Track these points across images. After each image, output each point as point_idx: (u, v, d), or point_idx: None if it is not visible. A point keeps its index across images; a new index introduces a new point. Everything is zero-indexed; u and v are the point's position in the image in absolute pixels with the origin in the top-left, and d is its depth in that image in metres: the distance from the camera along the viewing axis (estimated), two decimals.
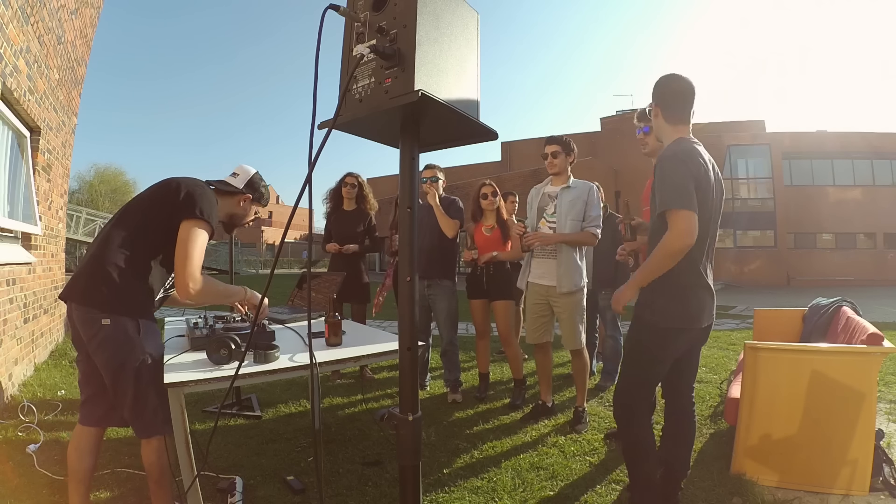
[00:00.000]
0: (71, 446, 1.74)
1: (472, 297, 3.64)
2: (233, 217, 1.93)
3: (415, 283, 1.12)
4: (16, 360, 3.51)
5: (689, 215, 1.68)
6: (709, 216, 1.79)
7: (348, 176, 4.08)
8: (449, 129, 1.15)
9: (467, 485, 2.25)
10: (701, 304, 1.83)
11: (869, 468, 2.11)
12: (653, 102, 1.92)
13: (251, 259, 31.20)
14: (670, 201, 1.70)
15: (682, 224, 1.68)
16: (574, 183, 3.01)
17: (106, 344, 1.58)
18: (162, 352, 1.70)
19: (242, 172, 1.92)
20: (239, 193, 1.89)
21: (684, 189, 1.70)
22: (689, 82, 1.85)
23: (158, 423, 1.63)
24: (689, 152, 1.77)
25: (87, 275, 1.63)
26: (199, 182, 1.75)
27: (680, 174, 1.72)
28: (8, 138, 3.53)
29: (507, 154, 25.19)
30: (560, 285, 2.89)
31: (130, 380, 1.59)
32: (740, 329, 7.00)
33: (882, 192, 18.71)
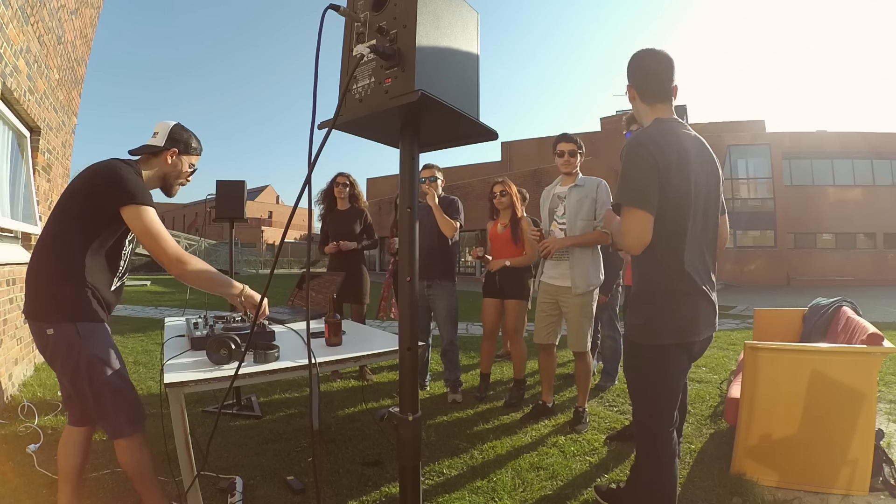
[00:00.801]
0: (60, 444, 1.74)
1: (486, 295, 3.64)
2: (166, 177, 1.84)
3: (415, 283, 1.12)
4: (16, 360, 3.51)
5: (641, 216, 1.50)
6: (687, 210, 1.54)
7: (340, 176, 4.10)
8: (449, 129, 1.15)
9: (467, 485, 2.25)
10: (694, 312, 1.58)
11: (869, 468, 2.11)
12: (628, 84, 1.72)
13: (251, 259, 31.19)
14: (622, 197, 1.54)
15: (631, 225, 1.51)
16: (581, 180, 2.96)
17: (55, 353, 1.58)
18: (113, 352, 1.65)
19: (161, 129, 1.83)
20: (163, 151, 1.81)
21: (641, 185, 1.51)
22: (664, 56, 1.65)
23: (121, 425, 1.62)
24: (658, 136, 1.55)
25: (26, 288, 1.62)
26: (111, 164, 1.66)
27: (639, 166, 1.52)
28: (8, 138, 3.53)
29: (507, 154, 25.18)
30: (575, 286, 2.87)
31: (85, 384, 1.58)
32: (740, 329, 7.01)
33: (882, 192, 18.71)
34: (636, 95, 1.70)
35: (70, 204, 1.65)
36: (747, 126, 21.29)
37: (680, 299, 1.57)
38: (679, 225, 1.54)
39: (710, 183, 1.63)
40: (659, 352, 1.59)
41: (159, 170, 1.82)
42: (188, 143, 1.85)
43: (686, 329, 1.58)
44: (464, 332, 6.17)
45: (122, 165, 1.67)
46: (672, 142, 1.55)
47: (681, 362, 1.61)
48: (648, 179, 1.51)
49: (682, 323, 1.57)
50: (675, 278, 1.56)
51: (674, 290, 1.57)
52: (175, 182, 1.87)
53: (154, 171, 1.81)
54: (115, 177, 1.62)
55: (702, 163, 1.60)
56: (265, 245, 42.02)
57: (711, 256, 1.65)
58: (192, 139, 1.87)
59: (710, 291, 1.62)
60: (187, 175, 1.89)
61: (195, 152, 1.89)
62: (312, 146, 0.95)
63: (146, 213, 1.61)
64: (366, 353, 1.93)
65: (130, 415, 1.64)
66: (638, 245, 1.52)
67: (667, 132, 1.57)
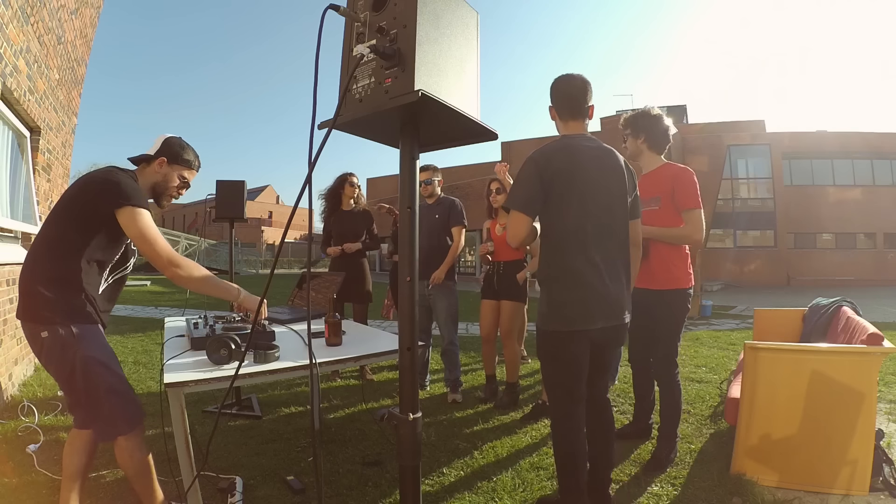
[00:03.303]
0: (66, 444, 1.75)
1: (484, 297, 3.60)
2: (155, 186, 1.85)
3: (415, 283, 1.12)
4: (16, 360, 3.51)
5: (518, 217, 1.76)
6: (583, 212, 1.76)
7: (351, 175, 4.08)
8: (449, 129, 1.15)
9: (467, 485, 2.25)
10: (586, 304, 1.76)
11: (869, 468, 2.11)
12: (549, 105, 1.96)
13: (251, 259, 31.18)
14: (508, 200, 1.82)
15: (511, 223, 1.79)
16: None
17: (50, 356, 1.58)
18: (108, 352, 1.67)
19: (158, 140, 1.86)
20: (154, 159, 1.82)
21: (522, 190, 1.78)
22: (580, 80, 1.87)
23: (118, 423, 1.62)
24: (551, 151, 1.80)
25: (20, 291, 1.63)
26: (109, 170, 1.69)
27: (524, 175, 1.79)
28: (8, 138, 3.53)
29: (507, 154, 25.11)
30: None
31: (80, 386, 1.59)
32: (740, 329, 7.01)
33: (882, 192, 18.71)
34: (555, 114, 1.95)
35: (66, 208, 1.66)
36: (747, 126, 21.28)
37: (570, 292, 1.78)
38: (575, 225, 1.76)
39: (611, 189, 1.83)
40: (557, 338, 1.81)
41: (150, 179, 1.83)
42: (179, 154, 1.85)
43: (577, 318, 1.76)
44: (464, 332, 6.16)
45: (119, 171, 1.69)
46: (563, 153, 1.79)
47: (578, 346, 1.79)
48: (531, 186, 1.76)
49: (574, 313, 1.77)
50: (571, 272, 1.77)
51: (566, 285, 1.79)
52: (164, 192, 1.86)
53: (147, 181, 1.83)
54: (112, 180, 1.63)
55: (600, 171, 1.81)
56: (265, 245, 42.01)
57: (619, 254, 1.85)
58: (185, 152, 1.87)
59: (610, 284, 1.79)
60: (177, 188, 1.88)
61: (187, 165, 1.88)
62: (312, 146, 0.95)
63: (140, 215, 1.62)
64: (366, 353, 1.93)
65: (128, 414, 1.64)
66: (514, 240, 1.79)
67: (559, 146, 1.82)
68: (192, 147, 1.90)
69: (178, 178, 1.87)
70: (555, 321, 1.79)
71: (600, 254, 1.78)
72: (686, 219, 2.42)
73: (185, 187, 1.91)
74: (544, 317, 1.83)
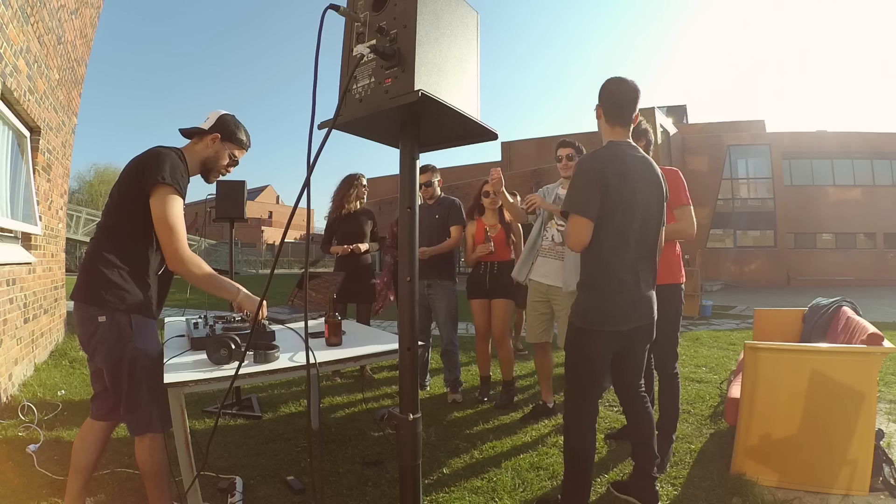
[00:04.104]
0: (77, 437, 1.75)
1: (473, 296, 3.57)
2: (206, 161, 1.84)
3: (415, 283, 1.12)
4: (16, 360, 3.51)
5: (581, 221, 1.82)
6: (628, 219, 1.84)
7: (361, 176, 4.06)
8: (449, 129, 1.15)
9: (467, 485, 2.25)
10: (621, 308, 1.87)
11: (869, 468, 2.11)
12: (597, 104, 1.98)
13: (251, 259, 31.19)
14: (569, 205, 1.86)
15: (573, 227, 1.84)
16: None
17: (102, 341, 1.58)
18: (158, 349, 1.69)
19: (212, 115, 1.85)
20: (206, 134, 1.81)
21: (584, 196, 1.82)
22: (633, 87, 1.91)
23: (153, 420, 1.62)
24: (606, 158, 1.85)
25: (82, 273, 1.63)
26: (157, 148, 1.68)
27: (584, 180, 1.84)
28: (8, 138, 3.53)
29: (507, 154, 25.17)
30: (567, 285, 2.87)
31: (125, 376, 1.58)
32: (740, 329, 7.01)
33: (882, 192, 18.71)
34: (602, 115, 1.97)
35: (121, 195, 1.65)
36: (747, 126, 21.29)
37: (608, 297, 1.87)
38: (620, 231, 1.84)
39: (650, 198, 1.91)
40: (592, 336, 1.90)
41: (202, 154, 1.82)
42: (233, 132, 1.85)
43: (616, 319, 1.87)
44: (464, 332, 6.17)
45: (164, 150, 1.68)
46: (616, 161, 1.85)
47: (610, 345, 1.91)
48: (591, 192, 1.81)
49: (610, 314, 1.87)
50: (612, 275, 1.86)
51: (605, 290, 1.87)
52: (214, 168, 1.86)
53: (197, 156, 1.82)
54: (156, 157, 1.63)
55: (645, 181, 1.89)
56: (265, 245, 42.01)
57: (650, 260, 1.95)
58: (239, 131, 1.87)
59: (646, 289, 1.93)
60: (226, 165, 1.88)
61: (240, 144, 1.88)
62: (312, 146, 0.95)
63: (172, 199, 1.61)
64: (366, 353, 1.93)
65: (161, 412, 1.63)
66: (578, 245, 1.85)
67: (612, 154, 1.87)
68: (244, 126, 1.90)
69: (228, 157, 1.86)
70: (595, 321, 1.88)
71: (638, 259, 1.89)
72: (679, 215, 2.49)
73: (234, 165, 1.91)
74: (583, 316, 1.90)
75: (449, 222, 3.59)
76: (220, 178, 1.93)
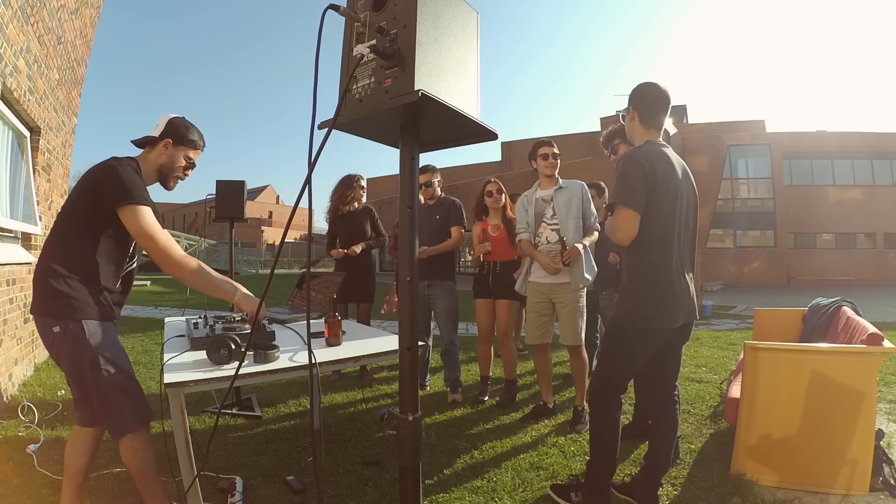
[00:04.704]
0: (68, 443, 1.75)
1: (478, 296, 3.59)
2: (162, 168, 1.82)
3: (415, 283, 1.12)
4: (16, 360, 3.51)
5: (629, 214, 1.82)
6: (672, 216, 1.87)
7: (360, 177, 4.07)
8: (449, 129, 1.15)
9: (467, 485, 2.25)
10: (671, 306, 1.88)
11: (869, 468, 2.11)
12: (630, 106, 2.03)
13: (251, 259, 31.17)
14: (617, 197, 1.87)
15: (621, 220, 1.84)
16: (564, 183, 3.12)
17: (60, 351, 1.59)
18: (118, 349, 1.66)
19: (161, 121, 1.83)
20: (158, 141, 1.80)
21: (632, 189, 1.82)
22: (667, 93, 1.98)
23: (127, 422, 1.62)
24: (652, 155, 1.87)
25: (34, 285, 1.63)
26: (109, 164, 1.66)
27: (632, 174, 1.84)
28: (8, 138, 3.53)
29: (507, 154, 25.17)
30: (574, 282, 2.93)
31: (90, 382, 1.59)
32: (740, 329, 7.00)
33: (882, 192, 18.70)
34: (636, 117, 2.01)
35: (73, 205, 1.65)
36: (747, 126, 21.26)
37: (665, 291, 1.87)
38: (666, 227, 1.87)
39: (689, 195, 1.96)
40: (641, 334, 1.91)
41: (156, 162, 1.81)
42: (184, 135, 1.82)
43: (667, 316, 1.88)
44: (464, 331, 6.17)
45: (120, 164, 1.66)
46: (659, 160, 1.88)
47: (653, 343, 1.93)
48: (639, 186, 1.82)
49: (661, 312, 1.87)
50: (662, 272, 1.87)
51: (660, 283, 1.87)
52: (170, 175, 1.84)
53: (152, 165, 1.80)
54: (112, 175, 1.62)
55: (685, 179, 1.95)
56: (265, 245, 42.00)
57: (690, 256, 1.98)
58: (190, 132, 1.84)
59: (689, 286, 1.95)
60: (183, 169, 1.85)
61: (192, 145, 1.85)
62: (312, 146, 0.95)
63: (142, 213, 1.61)
64: (366, 353, 1.93)
65: (135, 412, 1.64)
66: (626, 237, 1.85)
67: (656, 152, 1.91)
68: (196, 126, 1.88)
69: (184, 159, 1.84)
70: (642, 319, 1.88)
71: (680, 255, 1.92)
72: None
73: (191, 168, 1.89)
74: (630, 315, 1.91)
75: (450, 223, 3.60)
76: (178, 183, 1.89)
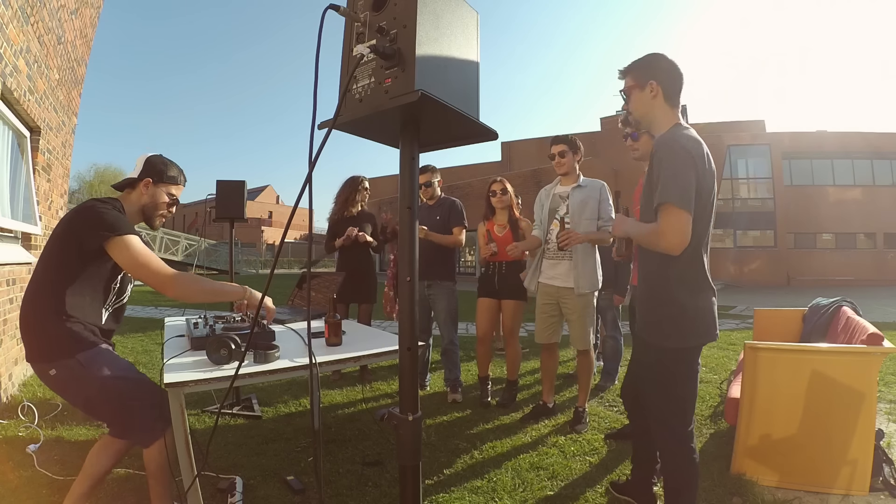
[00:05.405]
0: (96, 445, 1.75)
1: (483, 295, 3.55)
2: (145, 208, 1.84)
3: (415, 283, 1.12)
4: (16, 360, 3.51)
5: (685, 217, 1.50)
6: (709, 215, 1.63)
7: (364, 179, 4.07)
8: (449, 129, 1.15)
9: (467, 485, 2.25)
10: (712, 313, 1.65)
11: (869, 468, 2.11)
12: (651, 80, 1.66)
13: (251, 259, 31.18)
14: (671, 196, 1.50)
15: (676, 223, 1.50)
16: (584, 182, 3.00)
17: (64, 389, 1.61)
18: (119, 365, 1.67)
19: (139, 161, 1.85)
20: (138, 182, 1.82)
21: (688, 187, 1.51)
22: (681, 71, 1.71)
23: (155, 428, 1.63)
24: (695, 143, 1.57)
25: (23, 334, 1.63)
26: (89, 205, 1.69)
27: (684, 167, 1.52)
28: (8, 138, 3.53)
29: (507, 154, 25.18)
30: (578, 287, 2.87)
31: (104, 408, 1.61)
32: (740, 329, 7.00)
33: (882, 192, 18.71)
34: (660, 93, 1.66)
35: (55, 247, 1.66)
36: (747, 126, 21.27)
37: (707, 300, 1.63)
38: (703, 229, 1.60)
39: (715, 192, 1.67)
40: (693, 353, 1.65)
41: (137, 202, 1.83)
42: (163, 172, 1.84)
43: (713, 327, 1.64)
44: (464, 331, 6.17)
45: (101, 204, 1.69)
46: (701, 150, 1.57)
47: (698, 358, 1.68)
48: (690, 182, 1.51)
49: (710, 322, 1.63)
50: (703, 281, 1.62)
51: (703, 292, 1.62)
52: (154, 213, 1.86)
53: (134, 205, 1.82)
54: (94, 214, 1.63)
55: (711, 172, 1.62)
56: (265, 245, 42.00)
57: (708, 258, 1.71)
58: (169, 168, 1.86)
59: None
60: (167, 206, 1.87)
61: (172, 181, 1.87)
62: (312, 146, 0.95)
63: (129, 242, 1.62)
64: (366, 353, 1.93)
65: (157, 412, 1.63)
66: (681, 245, 1.51)
67: (694, 139, 1.58)
68: (174, 162, 1.90)
69: (166, 196, 1.86)
70: (692, 336, 1.62)
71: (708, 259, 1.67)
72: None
73: (175, 204, 1.90)
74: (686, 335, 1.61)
75: (450, 223, 3.60)
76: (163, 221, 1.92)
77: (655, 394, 1.72)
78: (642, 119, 1.74)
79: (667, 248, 1.53)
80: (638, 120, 1.76)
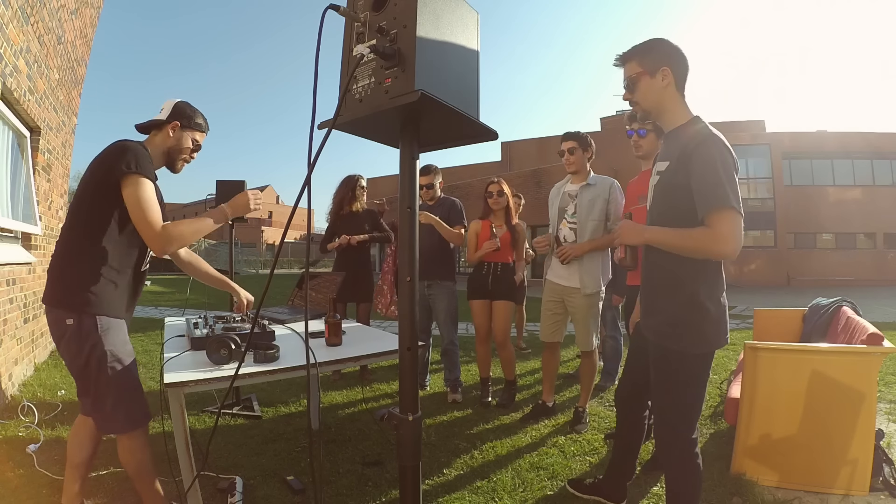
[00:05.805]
0: (70, 433, 1.76)
1: (474, 297, 3.53)
2: (171, 151, 1.83)
3: (415, 283, 1.12)
4: (16, 360, 3.51)
5: (740, 219, 1.41)
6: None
7: (361, 178, 4.07)
8: (449, 129, 1.15)
9: (467, 485, 2.25)
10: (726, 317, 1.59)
11: (869, 468, 2.11)
12: (664, 66, 1.53)
13: (251, 259, 31.18)
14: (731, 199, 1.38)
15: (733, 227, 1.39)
16: (593, 179, 2.92)
17: (70, 343, 1.58)
18: (127, 349, 1.67)
19: (167, 105, 1.85)
20: (166, 124, 1.81)
21: (736, 186, 1.40)
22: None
23: (117, 422, 1.62)
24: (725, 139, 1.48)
25: (51, 275, 1.62)
26: (118, 143, 1.68)
27: (730, 166, 1.42)
28: (8, 138, 3.53)
29: (507, 154, 25.18)
30: (584, 287, 2.85)
31: (92, 377, 1.59)
32: (740, 329, 7.00)
33: (882, 192, 18.70)
34: (672, 80, 1.54)
35: (86, 189, 1.64)
36: (747, 126, 21.27)
37: (725, 305, 1.57)
38: None
39: None
40: (710, 358, 1.60)
41: (163, 145, 1.81)
42: (192, 118, 1.84)
43: (723, 335, 1.58)
44: (464, 331, 6.17)
45: (128, 142, 1.68)
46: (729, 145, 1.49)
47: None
48: (736, 181, 1.43)
49: (727, 326, 1.58)
50: (719, 284, 1.56)
51: (722, 297, 1.56)
52: (178, 157, 1.85)
53: (159, 148, 1.81)
54: (120, 149, 1.62)
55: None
56: (265, 245, 42.02)
57: None
58: (196, 115, 1.86)
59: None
60: (190, 151, 1.87)
61: (199, 128, 1.88)
62: (312, 146, 0.95)
63: (142, 183, 1.60)
64: (366, 353, 1.93)
65: (128, 414, 1.63)
66: (737, 251, 1.40)
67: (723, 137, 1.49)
68: (198, 109, 1.90)
69: (191, 142, 1.86)
70: (713, 341, 1.56)
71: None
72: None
73: (198, 150, 1.90)
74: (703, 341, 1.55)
75: (451, 223, 3.59)
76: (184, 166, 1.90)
77: (668, 398, 1.65)
78: (651, 110, 1.60)
79: (724, 254, 1.43)
80: (647, 111, 1.61)
